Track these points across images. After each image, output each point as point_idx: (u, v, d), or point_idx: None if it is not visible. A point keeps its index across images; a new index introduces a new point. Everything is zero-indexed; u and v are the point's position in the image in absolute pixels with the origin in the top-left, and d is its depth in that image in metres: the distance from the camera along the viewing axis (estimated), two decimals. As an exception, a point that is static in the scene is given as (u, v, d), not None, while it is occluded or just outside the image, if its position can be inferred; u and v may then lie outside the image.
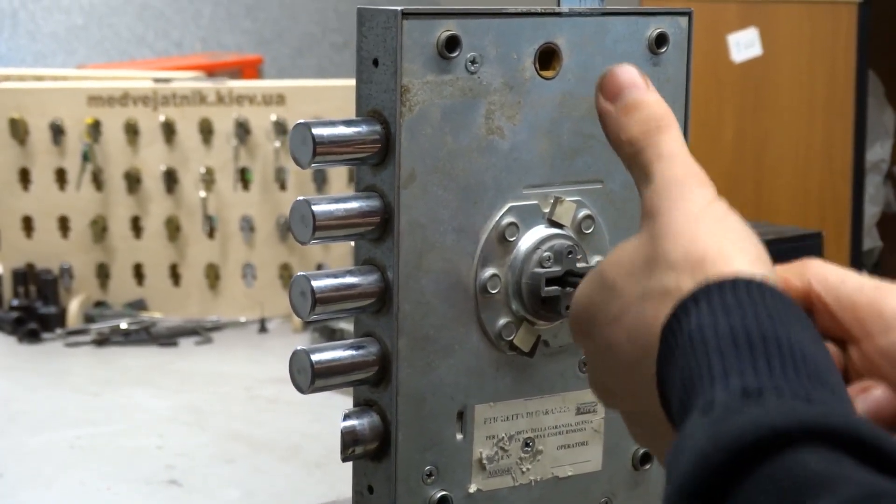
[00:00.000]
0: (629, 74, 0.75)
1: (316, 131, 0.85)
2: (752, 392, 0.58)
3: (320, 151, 0.85)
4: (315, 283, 0.85)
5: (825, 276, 0.71)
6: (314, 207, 0.85)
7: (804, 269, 0.72)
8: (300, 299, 0.86)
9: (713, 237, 0.66)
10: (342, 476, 1.58)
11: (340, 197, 0.87)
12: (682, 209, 0.68)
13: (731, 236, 0.67)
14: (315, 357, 0.86)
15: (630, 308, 0.68)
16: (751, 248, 0.66)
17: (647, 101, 0.74)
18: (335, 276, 0.87)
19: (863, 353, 0.69)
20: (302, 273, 0.86)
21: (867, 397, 0.67)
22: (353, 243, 0.89)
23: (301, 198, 0.85)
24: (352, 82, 0.89)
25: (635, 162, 0.73)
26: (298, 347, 0.87)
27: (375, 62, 0.87)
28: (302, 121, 0.85)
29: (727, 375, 0.59)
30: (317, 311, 0.86)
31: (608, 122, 0.75)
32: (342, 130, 0.86)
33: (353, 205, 0.87)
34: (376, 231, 0.88)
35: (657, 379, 0.65)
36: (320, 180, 2.35)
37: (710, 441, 0.56)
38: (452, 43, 0.87)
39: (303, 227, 0.85)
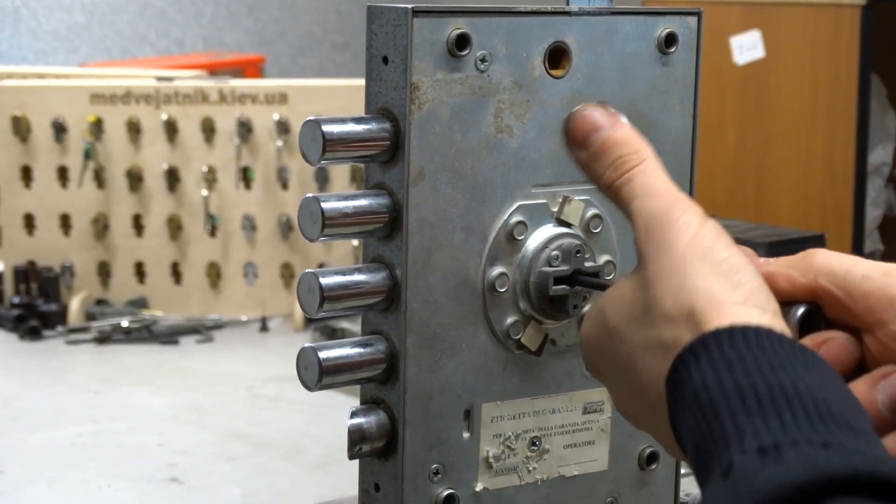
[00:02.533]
0: (591, 118, 0.73)
1: (326, 128, 0.85)
2: (769, 449, 0.57)
3: (330, 148, 0.85)
4: (323, 281, 0.85)
5: (831, 267, 0.70)
6: (323, 204, 0.85)
7: (809, 263, 0.71)
8: (308, 296, 0.86)
9: (702, 280, 0.65)
10: (343, 475, 1.58)
11: (349, 194, 0.87)
12: (667, 251, 0.67)
13: (719, 275, 0.65)
14: (322, 354, 0.86)
15: (636, 356, 0.67)
16: (743, 283, 0.65)
17: (613, 140, 0.72)
18: (343, 273, 0.87)
19: (878, 341, 0.69)
20: (310, 270, 0.86)
21: (888, 382, 0.67)
22: (356, 243, 0.89)
23: (310, 195, 0.85)
24: (354, 81, 0.89)
25: (616, 203, 0.72)
26: (306, 345, 0.87)
27: (385, 60, 0.87)
28: (312, 117, 0.85)
29: (741, 436, 0.58)
30: (325, 308, 0.85)
31: (584, 170, 0.74)
32: (352, 128, 0.86)
33: (362, 202, 0.86)
34: (385, 229, 0.87)
35: (672, 429, 0.64)
36: (322, 179, 2.34)
37: None
38: (462, 41, 0.87)
39: (311, 223, 0.85)
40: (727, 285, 0.64)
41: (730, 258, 0.66)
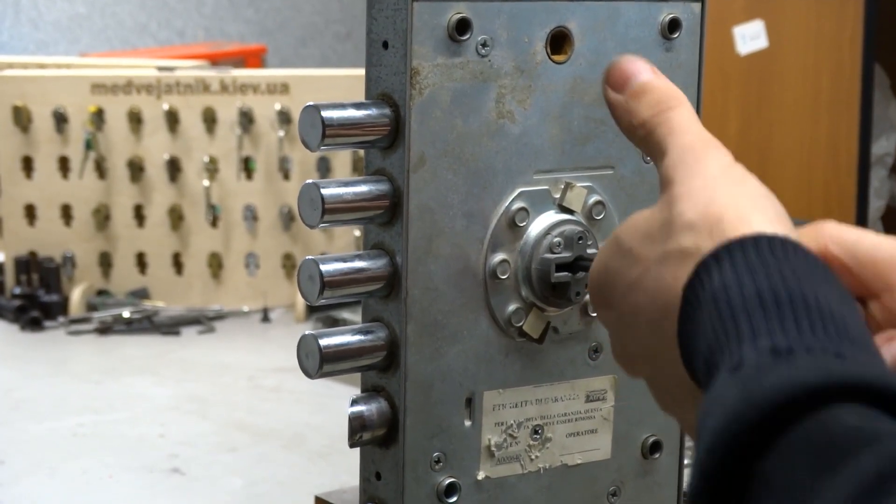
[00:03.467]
0: (635, 63, 0.75)
1: (325, 114, 0.84)
2: (782, 351, 0.57)
3: (330, 134, 0.84)
4: (324, 267, 0.85)
5: (841, 236, 0.70)
6: (323, 191, 0.84)
7: (820, 232, 0.72)
8: (309, 284, 0.85)
9: (731, 198, 0.66)
10: (345, 465, 1.58)
11: (350, 181, 0.86)
12: (700, 173, 0.68)
13: (750, 196, 0.66)
14: (323, 341, 0.86)
15: (649, 272, 0.67)
16: (769, 207, 0.66)
17: (655, 84, 0.74)
18: (344, 260, 0.86)
19: (884, 307, 0.69)
20: (310, 257, 0.85)
21: (892, 346, 0.67)
22: (357, 233, 0.88)
23: (310, 181, 0.85)
24: (356, 71, 0.89)
25: (650, 141, 0.73)
26: (307, 332, 0.87)
27: (385, 45, 0.86)
28: (311, 103, 0.84)
29: (755, 335, 0.58)
30: (325, 295, 0.85)
31: (618, 110, 0.75)
32: (352, 113, 0.85)
33: (363, 188, 0.86)
34: (385, 215, 0.87)
35: (679, 340, 0.64)
36: (324, 169, 2.34)
37: (742, 400, 0.56)
38: (463, 26, 0.86)
39: (311, 210, 0.85)
40: (756, 207, 0.65)
41: (759, 189, 0.67)
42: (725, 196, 0.66)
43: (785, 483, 0.53)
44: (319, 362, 0.86)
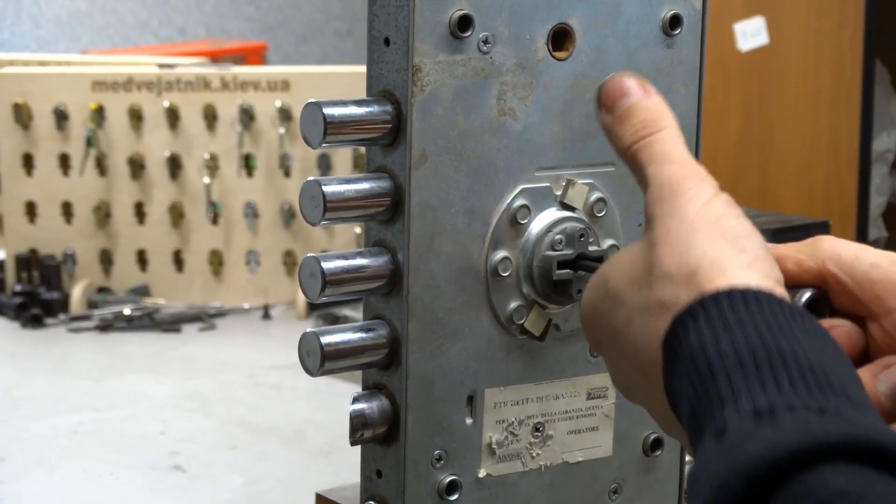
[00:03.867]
0: (623, 84, 0.72)
1: (327, 111, 0.84)
2: (764, 412, 0.56)
3: (331, 131, 0.84)
4: (325, 265, 0.84)
5: (839, 253, 0.70)
6: (325, 188, 0.84)
7: (817, 248, 0.71)
8: (310, 281, 0.85)
9: (708, 244, 0.64)
10: (346, 463, 1.58)
11: (351, 178, 0.86)
12: (677, 215, 0.66)
13: (727, 240, 0.65)
14: (325, 339, 0.85)
15: (634, 319, 0.67)
16: (748, 249, 0.64)
17: (639, 106, 0.72)
18: (345, 257, 0.86)
19: (883, 330, 0.68)
20: (312, 254, 0.85)
21: (891, 372, 0.66)
22: (358, 230, 0.88)
23: (311, 178, 0.84)
24: (356, 68, 0.88)
25: (633, 169, 0.71)
26: (308, 330, 0.86)
27: (387, 41, 0.86)
28: (313, 100, 0.84)
29: (736, 398, 0.58)
30: (327, 292, 0.85)
31: (607, 133, 0.73)
32: (353, 110, 0.85)
33: (364, 186, 0.85)
34: (387, 212, 0.87)
35: (665, 392, 0.64)
36: (325, 166, 2.34)
37: (728, 469, 0.55)
38: (465, 22, 0.86)
39: (313, 207, 0.84)
40: (732, 250, 0.64)
41: (737, 227, 0.65)
42: (703, 240, 0.64)
43: None
44: (321, 360, 0.85)
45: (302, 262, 0.85)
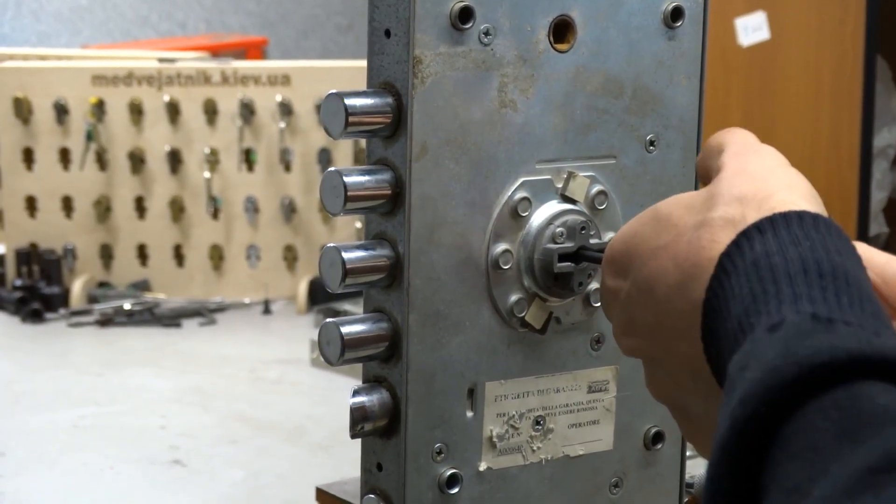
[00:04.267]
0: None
1: (349, 101, 0.84)
2: (823, 319, 0.58)
3: (353, 122, 0.84)
4: (346, 255, 0.85)
5: (870, 255, 0.71)
6: (346, 178, 0.84)
7: None
8: (331, 270, 0.85)
9: (787, 182, 0.68)
10: (346, 457, 1.57)
11: (369, 168, 0.86)
12: (758, 161, 0.70)
13: (804, 187, 0.68)
14: (345, 329, 0.85)
15: (682, 236, 0.68)
16: (818, 204, 0.67)
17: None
18: (364, 248, 0.86)
19: None
20: (332, 244, 0.85)
21: None
22: (359, 224, 0.89)
23: (333, 168, 0.85)
24: (357, 63, 0.88)
25: (708, 149, 0.75)
26: (328, 319, 0.87)
27: (388, 33, 0.86)
28: (334, 91, 0.84)
29: (797, 299, 0.59)
30: (347, 282, 0.85)
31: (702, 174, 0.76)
32: (369, 101, 0.85)
33: (383, 176, 0.86)
34: (387, 204, 0.86)
35: (704, 305, 0.64)
36: (325, 161, 2.33)
37: (782, 356, 0.56)
38: (466, 14, 0.86)
39: (334, 197, 0.85)
40: (806, 196, 0.67)
41: (811, 187, 0.69)
42: (783, 179, 0.68)
43: (807, 444, 0.53)
44: (341, 350, 0.85)
45: (322, 252, 0.86)
